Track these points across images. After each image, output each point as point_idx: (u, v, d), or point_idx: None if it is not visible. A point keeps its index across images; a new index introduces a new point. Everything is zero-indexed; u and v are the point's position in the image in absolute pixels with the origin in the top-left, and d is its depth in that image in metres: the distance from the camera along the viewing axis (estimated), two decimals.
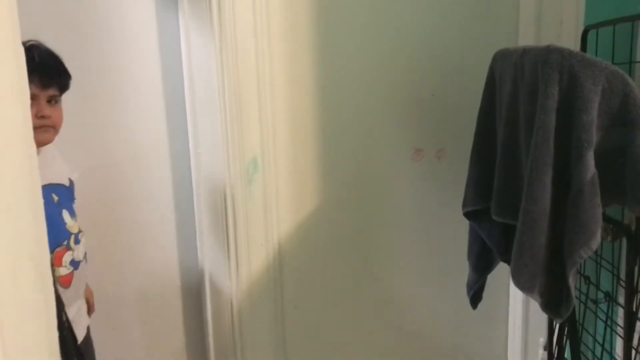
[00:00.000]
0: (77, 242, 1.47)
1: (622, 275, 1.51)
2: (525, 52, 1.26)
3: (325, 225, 1.86)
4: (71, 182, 1.52)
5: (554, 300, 1.22)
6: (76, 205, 1.50)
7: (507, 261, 1.45)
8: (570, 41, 1.68)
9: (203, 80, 1.60)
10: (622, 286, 1.49)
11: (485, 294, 1.61)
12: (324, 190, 1.84)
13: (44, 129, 1.39)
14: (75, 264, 1.46)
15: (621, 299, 1.54)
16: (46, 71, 1.37)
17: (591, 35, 1.57)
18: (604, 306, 1.58)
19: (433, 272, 1.93)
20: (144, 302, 1.73)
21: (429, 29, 1.78)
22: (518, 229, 1.20)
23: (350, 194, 1.84)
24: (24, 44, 1.34)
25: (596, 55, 1.48)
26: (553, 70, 1.13)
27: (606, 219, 1.25)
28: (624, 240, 1.44)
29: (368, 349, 1.95)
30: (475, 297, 1.60)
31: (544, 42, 1.26)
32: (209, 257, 1.69)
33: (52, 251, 1.38)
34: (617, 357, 1.63)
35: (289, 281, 1.83)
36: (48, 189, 1.42)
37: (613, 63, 1.21)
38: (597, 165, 1.12)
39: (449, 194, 1.80)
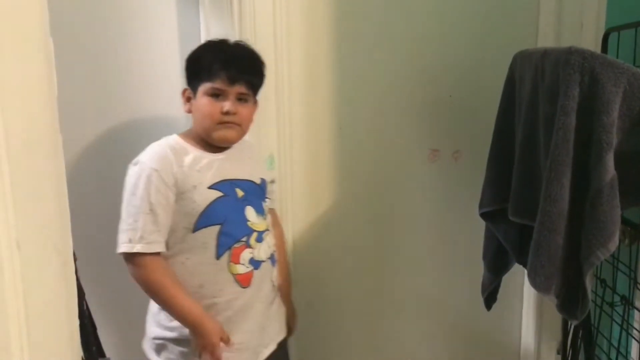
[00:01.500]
0: (259, 240, 1.44)
1: (639, 279, 1.50)
2: (546, 53, 1.26)
3: (339, 225, 1.86)
4: (263, 181, 1.51)
5: (570, 301, 1.22)
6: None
7: (523, 262, 1.45)
8: (590, 44, 1.67)
9: None
10: (638, 289, 1.49)
11: (499, 296, 1.61)
12: (339, 190, 1.85)
13: (227, 125, 1.39)
14: (255, 263, 1.43)
15: (638, 303, 1.54)
16: (234, 68, 1.37)
17: (612, 37, 1.56)
18: (619, 309, 1.57)
19: (448, 272, 1.93)
20: None
21: (447, 30, 1.78)
22: (535, 230, 1.20)
23: (365, 193, 1.84)
24: (222, 40, 1.42)
25: (617, 58, 1.47)
26: (574, 71, 1.13)
27: (624, 221, 1.25)
28: None
29: (381, 348, 1.95)
30: (490, 298, 1.60)
31: (563, 45, 1.26)
32: None
33: (229, 247, 1.39)
34: None
35: (303, 279, 1.83)
36: (231, 184, 1.42)
37: (635, 65, 1.20)
38: (616, 167, 1.12)
39: (464, 194, 1.80)
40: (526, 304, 1.95)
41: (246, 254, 1.41)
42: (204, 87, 1.38)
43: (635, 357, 1.62)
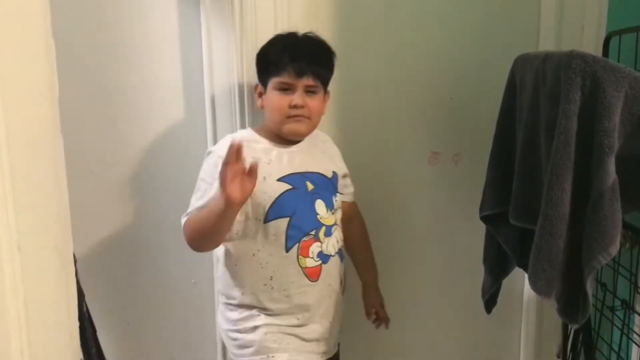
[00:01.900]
0: (328, 234, 1.45)
1: None
2: (547, 57, 1.26)
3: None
4: (335, 175, 1.52)
5: (571, 305, 1.22)
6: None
7: (523, 266, 1.45)
8: (591, 47, 1.67)
9: (223, 76, 1.61)
10: (639, 293, 1.49)
11: (498, 300, 1.61)
12: None
13: (297, 118, 1.41)
14: (323, 257, 1.45)
15: (638, 307, 1.54)
16: (300, 61, 1.39)
17: (614, 41, 1.56)
18: (620, 313, 1.57)
19: (448, 276, 1.93)
20: (159, 299, 1.74)
21: (448, 33, 1.78)
22: (536, 233, 1.20)
23: (366, 196, 1.83)
24: (290, 33, 1.44)
25: (618, 62, 1.47)
26: (576, 75, 1.13)
27: (625, 225, 1.25)
28: None
29: (380, 352, 1.95)
30: (490, 302, 1.60)
31: (564, 48, 1.26)
32: None
33: (298, 240, 1.41)
34: None
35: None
36: (302, 177, 1.44)
37: (636, 70, 1.20)
38: (617, 172, 1.12)
39: (465, 197, 1.80)
40: (526, 307, 1.95)
41: (315, 248, 1.43)
42: (273, 81, 1.41)
43: None
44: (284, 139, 1.46)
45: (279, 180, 1.40)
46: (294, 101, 1.39)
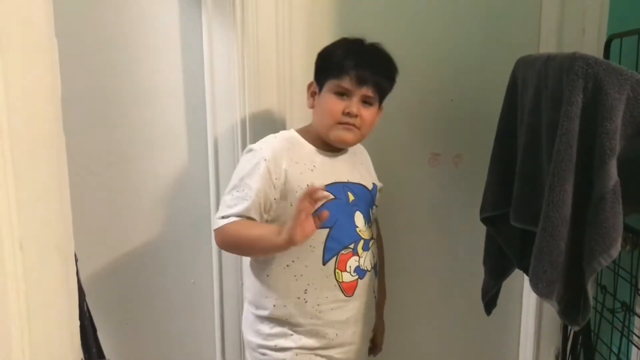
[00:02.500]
0: (365, 248, 1.40)
1: None
2: (549, 59, 1.26)
3: None
4: (374, 187, 1.48)
5: (571, 307, 1.22)
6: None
7: (524, 268, 1.45)
8: (592, 50, 1.67)
9: (223, 77, 1.61)
10: (639, 295, 1.49)
11: (498, 301, 1.61)
12: None
13: (347, 126, 1.35)
14: (360, 271, 1.39)
15: (638, 309, 1.54)
16: (364, 68, 1.34)
17: (615, 44, 1.56)
18: (620, 316, 1.57)
19: (448, 277, 1.93)
20: (158, 299, 1.74)
21: (449, 34, 1.78)
22: (538, 235, 1.20)
23: None
24: (357, 39, 1.39)
25: (619, 64, 1.47)
26: (578, 77, 1.13)
27: (626, 228, 1.24)
28: None
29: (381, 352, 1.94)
30: (490, 303, 1.60)
31: (565, 51, 1.26)
32: (223, 255, 1.70)
33: (337, 252, 1.35)
34: None
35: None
36: (344, 186, 1.39)
37: (637, 72, 1.20)
38: (619, 174, 1.12)
39: (465, 199, 1.80)
40: (525, 309, 1.95)
41: (352, 262, 1.37)
42: (331, 84, 1.36)
43: None
44: (328, 145, 1.41)
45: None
46: (348, 108, 1.34)
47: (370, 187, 1.46)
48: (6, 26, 0.63)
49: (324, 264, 1.34)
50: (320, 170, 1.37)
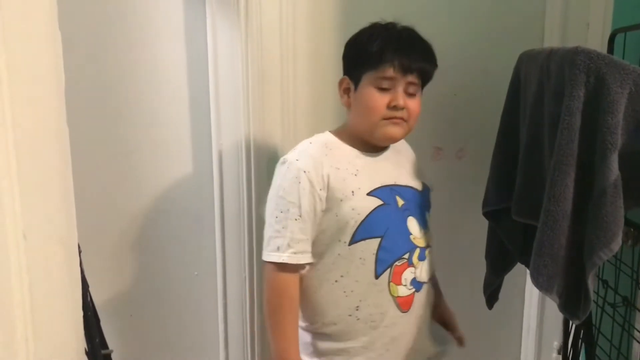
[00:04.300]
0: (421, 258, 1.29)
1: None
2: (552, 53, 1.26)
3: None
4: (425, 187, 1.37)
5: (572, 301, 1.22)
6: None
7: (525, 262, 1.45)
8: (596, 44, 1.67)
9: (227, 72, 1.61)
10: None
11: (500, 295, 1.61)
12: None
13: (394, 121, 1.24)
14: (417, 284, 1.28)
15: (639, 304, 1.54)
16: (407, 55, 1.22)
17: (619, 38, 1.56)
18: (621, 310, 1.57)
19: (450, 271, 1.92)
20: (162, 291, 1.74)
21: (453, 29, 1.78)
22: (539, 229, 1.20)
23: None
24: (389, 24, 1.29)
25: (623, 59, 1.47)
26: (580, 71, 1.13)
27: (627, 222, 1.25)
28: None
29: None
30: (492, 297, 1.60)
31: (569, 45, 1.26)
32: (227, 248, 1.70)
33: (390, 264, 1.24)
34: None
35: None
36: (391, 190, 1.27)
37: None
38: (620, 168, 1.12)
39: (468, 193, 1.79)
40: (527, 303, 1.95)
41: (408, 274, 1.26)
42: (370, 76, 1.23)
43: (636, 359, 1.63)
44: (369, 145, 1.29)
45: (369, 194, 1.24)
46: (394, 101, 1.22)
47: (420, 188, 1.34)
48: (10, 19, 0.63)
49: (376, 277, 1.23)
50: (364, 174, 1.26)
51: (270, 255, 1.22)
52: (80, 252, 1.03)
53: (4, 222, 0.62)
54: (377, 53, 1.22)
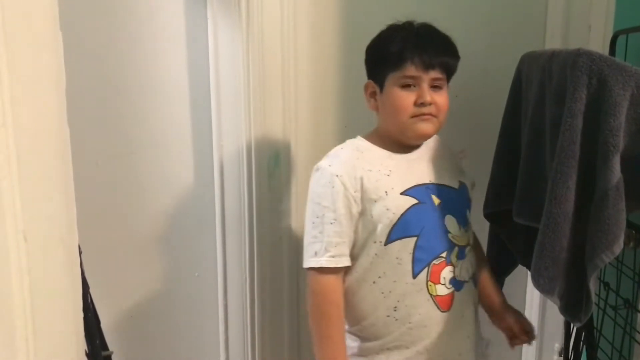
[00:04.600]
0: (461, 256, 1.29)
1: None
2: (554, 55, 1.26)
3: None
4: (462, 185, 1.36)
5: (573, 304, 1.21)
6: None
7: (527, 264, 1.45)
8: (598, 46, 1.67)
9: (228, 73, 1.61)
10: None
11: None
12: None
13: (424, 117, 1.25)
14: (456, 283, 1.28)
15: None
16: (428, 50, 1.24)
17: (620, 40, 1.56)
18: (623, 313, 1.57)
19: None
20: (162, 292, 1.74)
21: (454, 30, 1.76)
22: (540, 231, 1.20)
23: None
24: (406, 22, 1.31)
25: (625, 61, 1.47)
26: (582, 73, 1.12)
27: (629, 225, 1.24)
28: None
29: None
30: None
31: (571, 47, 1.26)
32: (228, 249, 1.70)
33: (427, 263, 1.25)
34: None
35: (305, 280, 1.83)
36: (426, 189, 1.28)
37: None
38: (622, 170, 1.12)
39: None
40: (528, 305, 1.94)
41: (447, 273, 1.26)
42: (393, 77, 1.25)
43: None
44: (401, 146, 1.30)
45: (403, 193, 1.25)
46: (421, 98, 1.23)
47: (456, 185, 1.34)
48: (11, 18, 0.63)
49: (414, 277, 1.24)
50: (397, 175, 1.27)
51: (309, 261, 1.24)
52: (80, 252, 1.03)
53: (4, 223, 0.62)
54: (397, 53, 1.24)
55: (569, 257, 1.19)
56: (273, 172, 1.69)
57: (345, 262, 1.24)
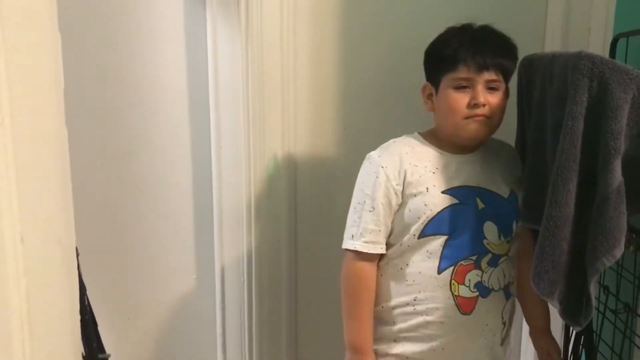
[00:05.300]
0: (493, 264, 1.29)
1: None
2: (555, 57, 1.25)
3: (343, 226, 1.86)
4: (513, 194, 1.33)
5: (573, 308, 1.21)
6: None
7: None
8: (598, 49, 1.66)
9: (227, 74, 1.61)
10: None
11: None
12: (343, 190, 1.83)
13: (477, 119, 1.25)
14: (482, 289, 1.28)
15: None
16: (481, 52, 1.24)
17: (621, 43, 1.55)
18: (622, 317, 1.56)
19: None
20: (160, 295, 1.74)
21: None
22: (540, 234, 1.19)
23: None
24: (465, 24, 1.32)
25: (625, 64, 1.47)
26: (583, 76, 1.12)
27: (630, 228, 1.24)
28: None
29: None
30: None
31: (571, 50, 1.25)
32: (225, 252, 1.70)
33: (455, 262, 1.27)
34: None
35: (304, 280, 1.83)
36: (472, 192, 1.29)
37: None
38: (623, 174, 1.11)
39: None
40: None
41: (473, 276, 1.27)
42: (447, 79, 1.27)
43: None
44: (455, 146, 1.31)
45: (444, 192, 1.27)
46: (475, 99, 1.23)
47: (505, 195, 1.33)
48: (10, 19, 0.63)
49: (439, 272, 1.26)
50: (444, 173, 1.28)
51: (347, 242, 1.30)
52: (78, 254, 1.02)
53: (1, 224, 0.62)
54: (451, 55, 1.26)
55: (570, 261, 1.18)
56: (272, 173, 1.69)
57: (379, 249, 1.29)
